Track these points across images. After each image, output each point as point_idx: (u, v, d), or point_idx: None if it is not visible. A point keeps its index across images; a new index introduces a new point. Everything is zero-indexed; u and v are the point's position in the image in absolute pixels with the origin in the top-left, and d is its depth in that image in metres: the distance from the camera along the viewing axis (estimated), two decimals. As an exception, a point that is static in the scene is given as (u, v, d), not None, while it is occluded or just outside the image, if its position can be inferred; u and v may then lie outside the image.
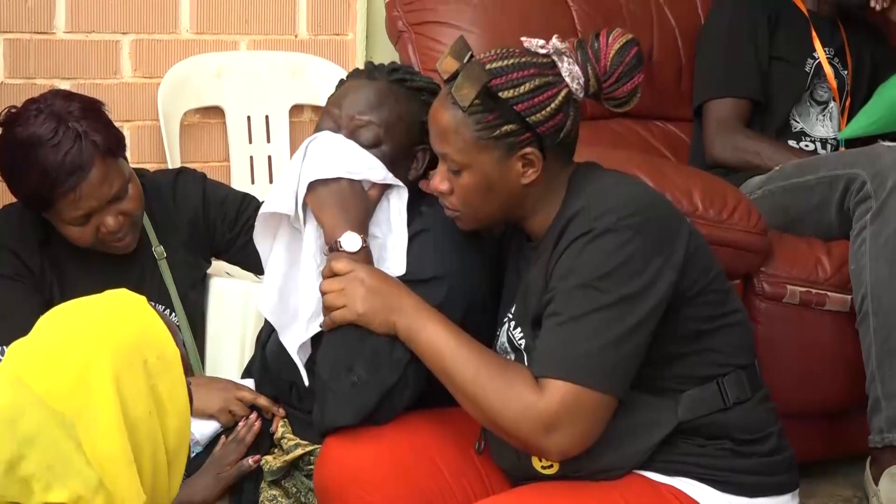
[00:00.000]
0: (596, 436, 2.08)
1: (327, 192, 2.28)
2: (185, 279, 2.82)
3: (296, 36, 3.61)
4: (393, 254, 2.33)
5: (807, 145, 3.50)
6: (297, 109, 3.62)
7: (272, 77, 3.56)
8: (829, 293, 2.95)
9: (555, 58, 2.17)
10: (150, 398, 1.59)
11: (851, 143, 3.44)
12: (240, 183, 3.49)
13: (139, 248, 2.75)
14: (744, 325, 2.27)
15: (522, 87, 2.12)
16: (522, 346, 2.22)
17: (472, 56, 2.16)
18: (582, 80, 2.17)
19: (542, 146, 2.16)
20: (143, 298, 1.70)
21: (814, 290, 2.95)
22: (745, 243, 2.86)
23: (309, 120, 3.65)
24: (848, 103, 3.55)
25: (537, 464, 2.18)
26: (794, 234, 3.07)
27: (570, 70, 2.16)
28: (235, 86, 3.52)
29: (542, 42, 2.18)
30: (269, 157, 3.57)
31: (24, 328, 2.46)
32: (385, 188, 2.34)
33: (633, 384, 2.11)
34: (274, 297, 2.37)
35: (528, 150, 2.15)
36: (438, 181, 2.22)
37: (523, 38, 2.21)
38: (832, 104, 3.54)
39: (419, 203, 2.41)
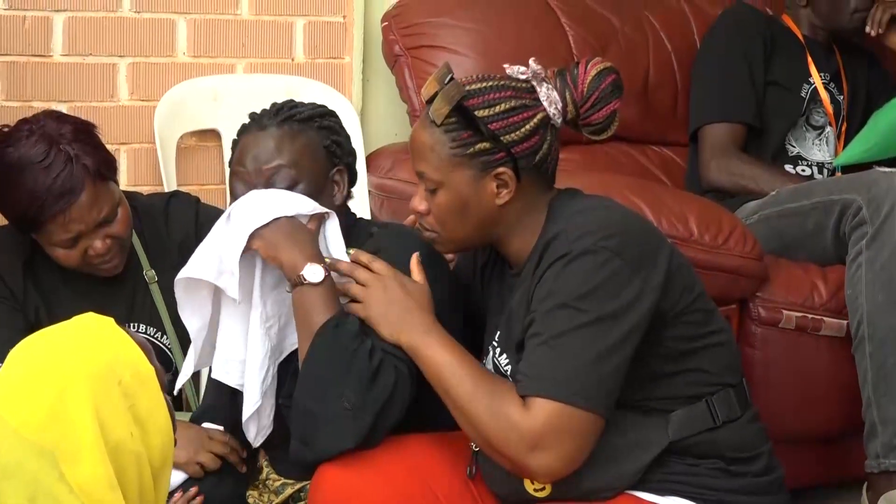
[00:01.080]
0: (583, 456, 2.08)
1: (273, 233, 2.29)
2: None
3: (292, 59, 3.61)
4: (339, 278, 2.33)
5: (803, 170, 3.51)
6: (293, 133, 3.61)
7: (269, 100, 3.47)
8: (825, 318, 2.95)
9: (534, 83, 2.20)
10: (129, 419, 1.58)
11: (847, 168, 3.45)
12: (236, 206, 3.49)
13: (130, 271, 2.74)
14: (729, 345, 2.28)
15: (497, 108, 2.16)
16: (508, 372, 2.22)
17: (452, 78, 2.20)
18: (560, 105, 2.20)
19: (516, 168, 2.17)
20: (110, 320, 1.67)
21: (810, 316, 2.95)
22: (741, 268, 2.86)
23: (305, 143, 3.65)
24: (844, 128, 3.56)
25: (529, 486, 2.18)
26: (790, 260, 3.07)
27: (547, 94, 2.19)
28: (232, 109, 3.51)
29: (523, 69, 2.22)
30: (266, 181, 3.56)
31: (2, 347, 2.48)
32: (320, 218, 2.36)
33: (623, 405, 2.11)
34: (237, 366, 2.37)
35: (501, 169, 2.17)
36: (417, 202, 2.25)
37: (505, 66, 2.24)
38: (828, 129, 3.55)
39: (365, 226, 2.47)
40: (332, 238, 2.37)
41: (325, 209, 2.35)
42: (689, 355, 2.19)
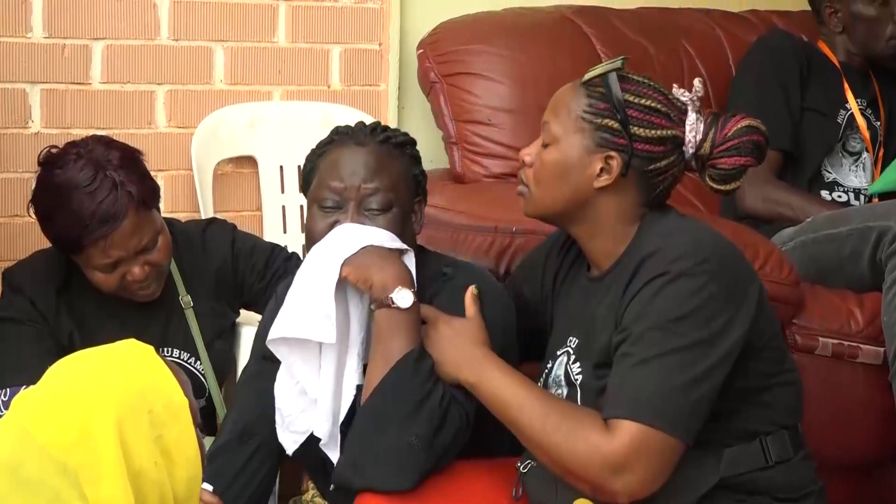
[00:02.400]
0: (663, 479, 2.06)
1: (363, 258, 2.24)
2: (212, 328, 2.83)
3: (328, 86, 3.63)
4: None
5: (840, 196, 3.49)
6: (329, 159, 3.63)
7: (305, 127, 3.57)
8: (861, 345, 2.93)
9: (689, 107, 2.23)
10: (155, 448, 1.58)
11: (884, 194, 3.43)
12: (272, 232, 3.51)
13: (166, 296, 2.77)
14: (797, 385, 2.27)
15: (644, 101, 2.20)
16: (578, 382, 2.22)
17: (624, 63, 2.25)
18: (699, 137, 2.22)
19: (628, 162, 2.18)
20: (150, 348, 1.68)
21: (846, 343, 2.93)
22: (778, 295, 2.84)
23: (341, 170, 3.66)
24: (881, 154, 3.55)
25: (579, 509, 2.18)
26: (826, 286, 3.06)
27: (694, 122, 2.22)
28: (268, 136, 3.54)
29: (686, 92, 2.26)
30: (301, 207, 3.57)
31: (28, 371, 2.50)
32: (398, 253, 2.31)
33: None
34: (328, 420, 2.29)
35: (613, 153, 2.19)
36: (527, 151, 2.29)
37: (675, 86, 2.28)
38: (865, 155, 3.53)
39: (435, 260, 2.43)
40: (409, 270, 2.32)
41: (403, 245, 2.31)
42: (761, 391, 2.19)
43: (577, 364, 2.24)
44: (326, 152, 2.38)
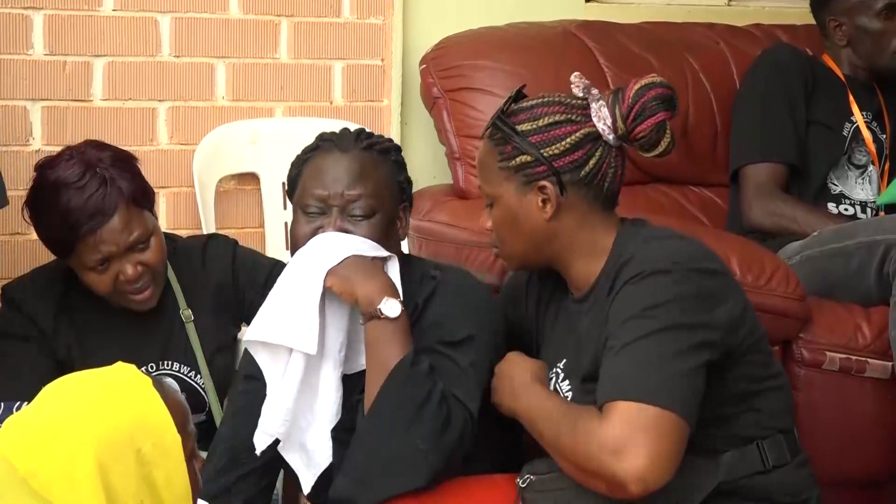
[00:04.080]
0: (671, 458, 2.02)
1: (346, 269, 2.26)
2: (213, 342, 2.82)
3: (331, 102, 3.62)
4: None
5: (846, 209, 3.48)
6: (332, 176, 3.61)
7: (307, 143, 3.55)
8: (869, 360, 2.91)
9: (589, 100, 2.23)
10: (143, 486, 1.56)
11: (891, 207, 3.41)
12: (274, 249, 3.49)
13: (166, 310, 2.76)
14: (786, 389, 2.29)
15: (540, 121, 2.21)
16: (569, 399, 2.23)
17: (517, 97, 2.28)
18: (609, 121, 2.21)
19: (560, 182, 2.18)
20: (147, 379, 1.66)
21: (854, 357, 2.91)
22: (784, 309, 2.83)
23: (344, 186, 3.65)
24: (887, 167, 3.54)
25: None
26: (833, 300, 3.04)
27: (598, 111, 2.22)
28: (270, 152, 3.53)
29: (588, 83, 2.26)
30: (304, 224, 3.56)
31: (26, 387, 2.49)
32: (381, 262, 2.34)
33: None
34: (282, 417, 2.31)
35: (543, 183, 2.21)
36: (481, 220, 2.33)
37: (573, 77, 2.28)
38: (871, 168, 3.52)
39: (420, 266, 2.44)
40: (394, 279, 2.34)
41: (386, 252, 2.33)
42: (751, 396, 2.19)
43: (567, 382, 2.26)
44: (310, 158, 2.42)
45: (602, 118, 2.21)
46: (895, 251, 2.91)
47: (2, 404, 2.52)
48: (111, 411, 1.59)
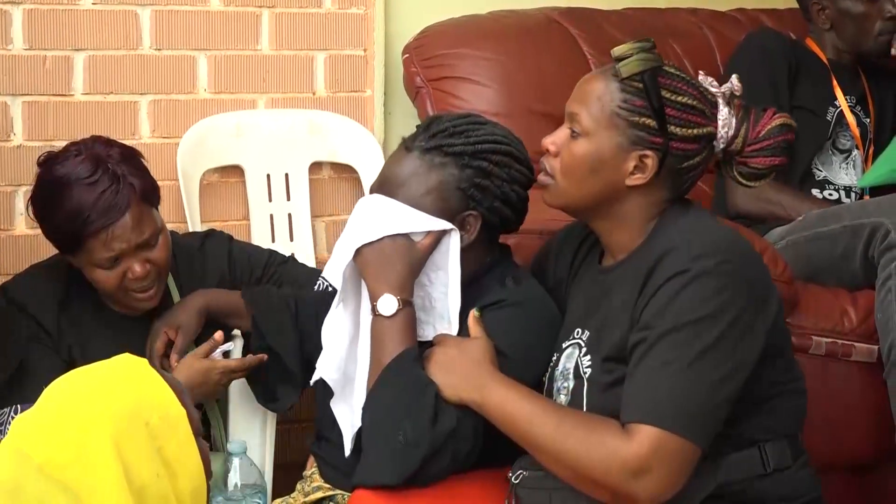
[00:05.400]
0: (681, 483, 2.03)
1: (370, 253, 2.28)
2: (209, 340, 2.81)
3: (314, 93, 3.61)
4: (442, 302, 2.33)
5: (830, 194, 3.47)
6: (316, 167, 3.61)
7: (291, 135, 3.55)
8: (855, 344, 2.91)
9: (720, 101, 2.20)
10: (156, 460, 1.57)
11: (875, 190, 3.41)
12: (260, 241, 3.47)
13: (163, 308, 2.74)
14: (802, 396, 2.25)
15: (682, 98, 2.15)
16: (587, 376, 2.19)
17: (654, 48, 2.18)
18: (731, 133, 2.19)
19: (663, 160, 2.15)
20: (144, 361, 1.67)
21: (840, 341, 2.91)
22: (771, 292, 2.83)
23: (328, 177, 3.64)
24: (871, 151, 3.53)
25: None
26: (819, 285, 3.04)
27: (727, 118, 2.19)
28: (254, 144, 3.52)
29: (715, 82, 2.22)
30: (290, 215, 3.56)
31: (40, 388, 2.50)
32: (441, 234, 2.31)
33: None
34: (337, 364, 2.36)
35: (649, 153, 2.15)
36: (551, 140, 2.22)
37: (700, 73, 2.25)
38: (855, 152, 3.51)
39: (501, 272, 2.39)
40: (452, 256, 2.32)
41: (445, 224, 2.30)
42: (766, 400, 2.16)
43: (588, 357, 2.21)
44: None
45: (728, 126, 2.18)
46: (880, 234, 2.90)
47: (18, 406, 2.52)
48: (116, 391, 1.60)
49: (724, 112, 2.19)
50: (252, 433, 2.79)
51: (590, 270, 2.31)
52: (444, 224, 2.30)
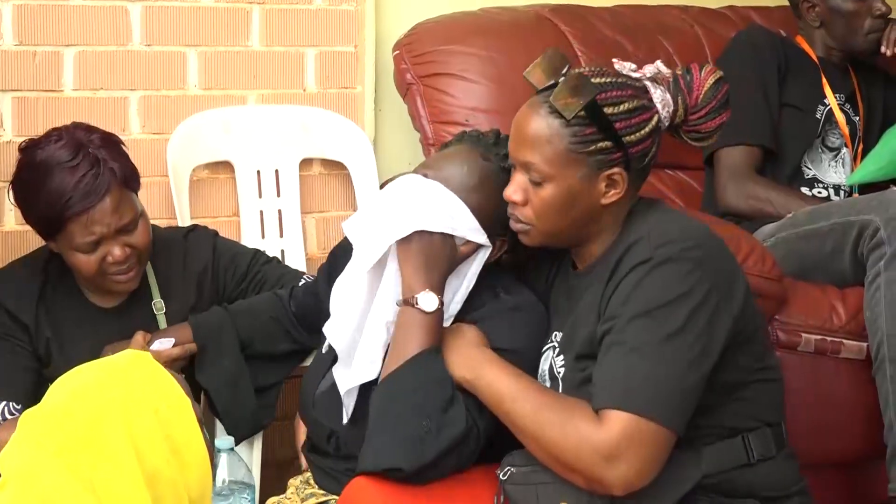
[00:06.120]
0: (657, 469, 2.04)
1: (419, 244, 2.27)
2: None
3: (304, 90, 3.60)
4: (446, 305, 2.33)
5: (819, 192, 3.48)
6: (306, 163, 3.61)
7: (281, 131, 3.55)
8: (844, 341, 2.92)
9: (648, 83, 2.18)
10: (165, 447, 1.58)
11: (864, 188, 3.42)
12: (250, 237, 3.48)
13: (140, 302, 2.76)
14: (779, 383, 2.26)
15: (623, 106, 2.13)
16: (561, 375, 2.20)
17: (570, 68, 2.16)
18: (671, 109, 2.18)
19: (628, 168, 2.15)
20: (147, 354, 1.70)
21: (829, 338, 2.91)
22: (760, 289, 2.83)
23: (318, 174, 3.64)
24: (860, 149, 3.54)
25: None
26: (808, 282, 3.04)
27: (662, 97, 2.18)
28: (244, 140, 3.52)
29: (633, 66, 2.20)
30: (280, 212, 3.56)
31: (20, 385, 2.50)
32: (476, 247, 2.34)
33: None
34: (347, 331, 2.36)
35: (615, 170, 2.15)
36: (513, 191, 2.21)
37: (615, 61, 2.22)
38: (844, 150, 3.52)
39: (496, 282, 2.40)
40: (474, 269, 2.35)
41: (483, 242, 2.32)
42: (741, 387, 2.17)
43: (561, 357, 2.23)
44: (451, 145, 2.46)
45: (666, 105, 2.17)
46: (869, 232, 2.91)
47: None
48: (124, 380, 1.61)
49: (657, 94, 2.18)
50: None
51: (565, 277, 2.33)
52: (485, 238, 2.33)
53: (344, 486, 2.24)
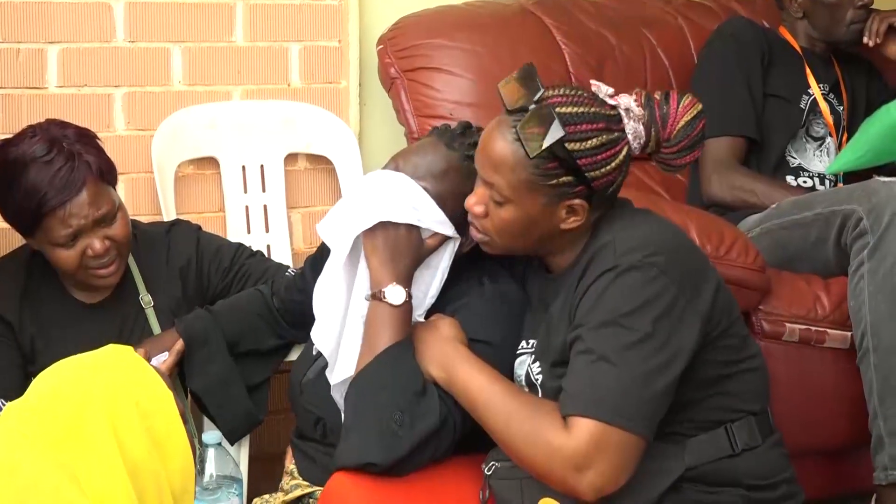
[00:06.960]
0: (628, 475, 2.05)
1: (384, 237, 2.28)
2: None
3: (289, 85, 3.60)
4: (419, 299, 2.33)
5: (805, 181, 3.49)
6: (291, 158, 3.61)
7: (266, 126, 3.55)
8: (828, 330, 2.93)
9: (622, 113, 2.14)
10: (146, 439, 1.59)
11: (848, 178, 3.43)
12: (236, 233, 3.48)
13: (126, 296, 2.76)
14: (761, 371, 2.26)
15: (589, 143, 2.11)
16: (539, 382, 2.21)
17: (543, 93, 2.14)
18: (642, 141, 2.16)
19: (590, 198, 2.15)
20: (129, 348, 1.70)
21: (813, 328, 2.92)
22: (744, 280, 2.84)
23: (304, 168, 3.64)
24: (845, 138, 3.55)
25: (543, 513, 2.16)
26: (793, 272, 3.05)
27: (634, 129, 2.15)
28: (229, 136, 3.52)
29: (611, 91, 2.17)
30: (265, 207, 3.56)
31: (6, 382, 2.50)
32: (444, 239, 2.34)
33: None
34: (332, 334, 2.36)
35: (576, 201, 2.15)
36: (475, 203, 2.21)
37: (593, 83, 2.19)
38: (829, 140, 3.53)
39: (481, 271, 2.41)
40: (445, 260, 2.36)
41: (450, 233, 2.33)
42: (722, 380, 2.17)
43: (537, 364, 2.23)
44: (424, 138, 2.45)
45: (637, 137, 2.15)
46: (852, 222, 2.91)
47: None
48: (106, 373, 1.61)
49: (629, 126, 2.14)
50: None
51: (538, 279, 2.33)
52: (452, 230, 2.33)
53: (328, 475, 2.25)
